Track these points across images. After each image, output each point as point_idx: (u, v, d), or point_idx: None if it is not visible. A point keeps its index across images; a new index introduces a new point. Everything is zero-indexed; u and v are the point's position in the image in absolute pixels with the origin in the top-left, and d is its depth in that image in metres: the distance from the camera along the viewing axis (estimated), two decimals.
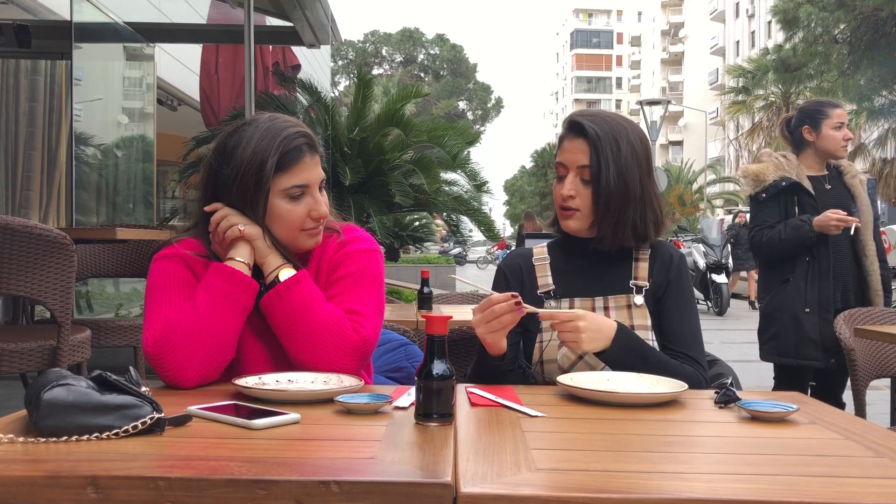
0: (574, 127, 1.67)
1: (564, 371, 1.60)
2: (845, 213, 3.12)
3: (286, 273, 1.51)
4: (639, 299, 1.66)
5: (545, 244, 1.83)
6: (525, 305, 1.46)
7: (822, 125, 3.26)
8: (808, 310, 3.18)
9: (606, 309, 1.66)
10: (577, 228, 1.69)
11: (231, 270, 1.48)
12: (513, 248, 30.27)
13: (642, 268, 1.72)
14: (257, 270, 1.55)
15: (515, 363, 1.68)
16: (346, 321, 1.50)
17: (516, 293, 1.46)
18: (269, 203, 1.51)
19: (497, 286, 1.78)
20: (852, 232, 3.16)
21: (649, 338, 1.64)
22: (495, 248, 32.68)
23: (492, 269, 30.40)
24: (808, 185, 3.23)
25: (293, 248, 1.57)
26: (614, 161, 1.61)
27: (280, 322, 1.49)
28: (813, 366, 3.21)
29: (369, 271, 1.59)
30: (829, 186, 3.29)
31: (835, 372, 3.26)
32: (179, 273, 1.53)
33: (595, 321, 1.51)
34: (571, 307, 1.67)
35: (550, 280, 1.73)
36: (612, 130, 1.64)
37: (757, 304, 3.43)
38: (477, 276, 23.75)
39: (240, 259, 1.50)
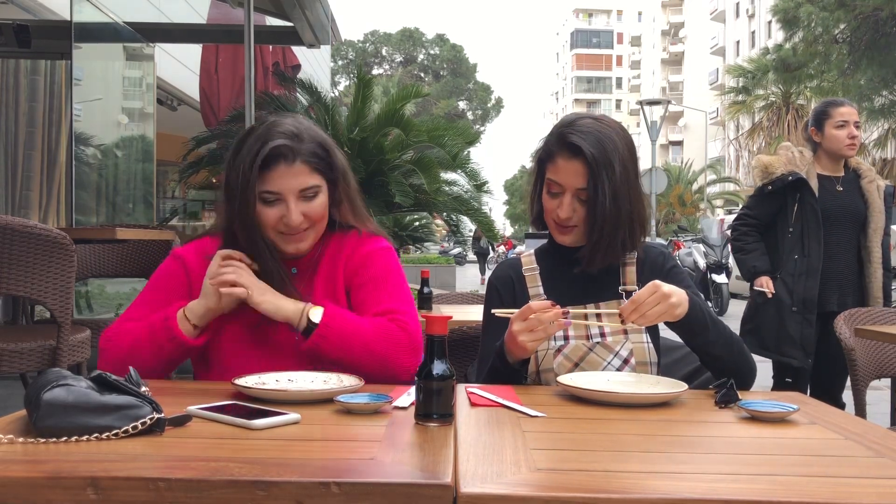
0: (570, 147, 1.60)
1: None
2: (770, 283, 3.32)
3: (315, 312, 1.52)
4: None
5: (532, 252, 1.82)
6: (572, 312, 1.50)
7: (826, 125, 3.28)
8: (794, 308, 3.22)
9: (598, 315, 1.66)
10: (573, 242, 1.69)
11: (173, 324, 1.52)
12: (506, 247, 29.96)
13: (630, 272, 1.72)
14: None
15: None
16: (390, 324, 1.53)
17: (566, 310, 1.49)
18: (252, 201, 1.54)
19: (490, 300, 1.77)
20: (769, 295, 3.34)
21: (643, 339, 1.64)
22: (500, 247, 32.63)
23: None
24: (814, 184, 3.24)
25: (278, 249, 1.59)
26: (609, 186, 1.57)
27: (335, 354, 1.50)
28: (791, 364, 3.24)
29: (392, 268, 1.64)
30: (840, 188, 3.29)
31: (833, 371, 3.27)
32: (172, 279, 1.63)
33: (669, 285, 1.50)
34: (565, 316, 1.66)
35: (541, 290, 1.73)
36: (607, 151, 1.58)
37: (748, 292, 3.51)
38: (481, 277, 23.73)
39: (189, 317, 1.53)
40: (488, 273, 25.55)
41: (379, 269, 1.61)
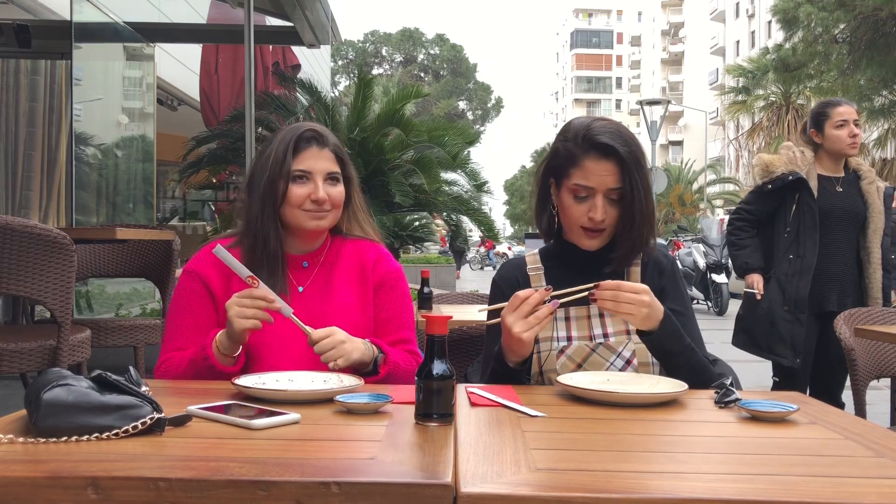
0: (601, 148, 1.59)
1: None
2: (760, 281, 3.36)
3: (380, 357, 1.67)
4: None
5: (537, 252, 1.82)
6: (555, 292, 1.49)
7: (825, 126, 3.28)
8: (786, 308, 3.23)
9: (601, 316, 1.66)
10: (599, 246, 1.69)
11: (213, 363, 1.58)
12: (472, 251, 29.92)
13: (634, 272, 1.72)
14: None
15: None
16: (410, 356, 1.73)
17: (549, 287, 1.50)
18: (284, 187, 1.69)
19: (494, 301, 1.76)
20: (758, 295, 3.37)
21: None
22: (482, 247, 32.59)
23: (480, 272, 30.25)
24: (813, 185, 3.25)
25: (300, 231, 1.72)
26: (642, 183, 1.60)
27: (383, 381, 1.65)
28: (780, 362, 3.26)
29: (407, 293, 1.84)
30: (840, 189, 3.29)
31: (833, 371, 3.27)
32: (193, 295, 1.72)
33: (655, 300, 1.51)
34: (567, 316, 1.66)
35: None
36: (634, 151, 1.61)
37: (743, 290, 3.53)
38: (471, 279, 23.71)
39: (222, 350, 1.59)
40: (464, 270, 25.98)
41: (401, 294, 1.81)
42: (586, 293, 1.52)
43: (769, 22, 36.32)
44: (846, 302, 3.23)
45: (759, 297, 3.32)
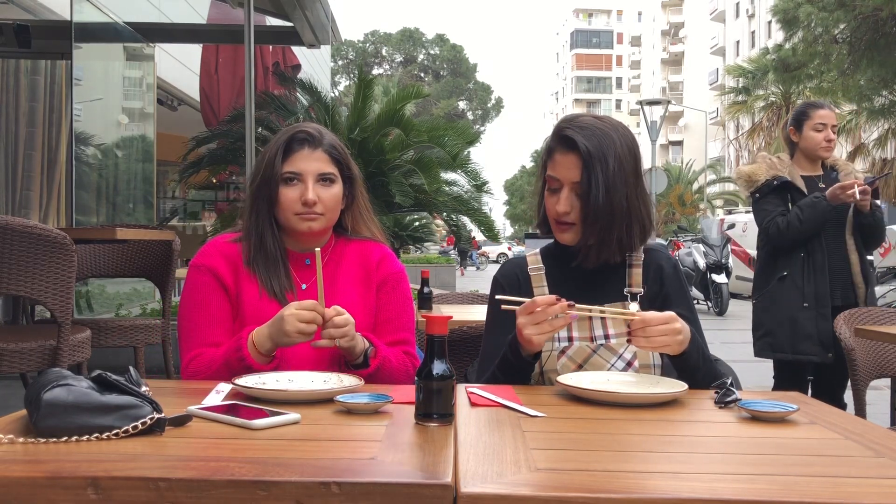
0: (566, 141, 1.62)
1: None
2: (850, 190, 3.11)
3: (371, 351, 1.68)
4: (634, 306, 1.63)
5: (538, 252, 1.82)
6: (577, 307, 1.48)
7: (804, 126, 3.34)
8: (805, 304, 3.22)
9: (603, 319, 1.66)
10: (573, 240, 1.68)
11: (251, 363, 1.57)
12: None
13: (636, 274, 1.71)
14: None
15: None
16: (406, 357, 1.73)
17: (571, 303, 1.48)
18: (275, 189, 1.70)
19: (495, 297, 1.77)
20: (858, 197, 3.10)
21: None
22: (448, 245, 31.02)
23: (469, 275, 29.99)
24: (800, 183, 3.28)
25: (294, 233, 1.73)
26: (603, 179, 1.58)
27: (372, 379, 1.63)
28: (810, 361, 3.24)
29: (408, 294, 1.84)
30: (822, 185, 3.33)
31: (834, 371, 3.27)
32: (207, 288, 1.72)
33: (683, 322, 1.51)
34: (570, 308, 1.66)
35: (547, 290, 1.72)
36: (602, 146, 1.59)
37: (752, 299, 3.48)
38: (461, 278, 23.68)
39: (260, 350, 1.58)
40: (467, 269, 26.27)
41: (401, 292, 1.82)
42: (601, 314, 1.53)
43: (769, 22, 36.31)
44: (849, 296, 3.25)
45: (859, 195, 3.07)
